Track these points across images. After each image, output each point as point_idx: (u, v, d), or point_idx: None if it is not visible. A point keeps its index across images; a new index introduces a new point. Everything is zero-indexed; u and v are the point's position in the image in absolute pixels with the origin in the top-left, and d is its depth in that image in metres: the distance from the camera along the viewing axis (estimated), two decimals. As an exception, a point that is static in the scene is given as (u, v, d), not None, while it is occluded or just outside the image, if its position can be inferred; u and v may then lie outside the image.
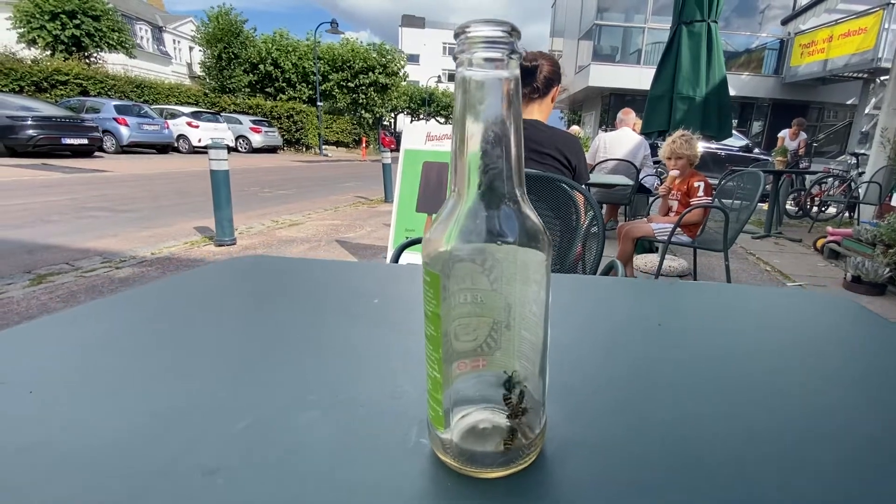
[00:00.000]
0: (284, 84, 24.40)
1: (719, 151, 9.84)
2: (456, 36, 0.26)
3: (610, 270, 1.46)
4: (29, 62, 14.73)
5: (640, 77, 15.72)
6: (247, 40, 23.39)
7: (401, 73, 27.68)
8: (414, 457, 0.32)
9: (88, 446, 0.32)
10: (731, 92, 4.80)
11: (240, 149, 18.43)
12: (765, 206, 5.74)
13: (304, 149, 22.87)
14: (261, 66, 23.70)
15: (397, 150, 3.23)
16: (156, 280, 0.73)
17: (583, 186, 1.64)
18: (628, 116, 4.80)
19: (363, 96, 26.04)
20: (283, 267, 0.81)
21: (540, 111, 1.81)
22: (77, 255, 3.56)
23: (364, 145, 23.48)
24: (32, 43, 17.84)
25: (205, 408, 0.37)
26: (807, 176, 6.99)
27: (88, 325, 0.54)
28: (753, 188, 2.88)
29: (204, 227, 4.70)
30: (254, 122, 18.95)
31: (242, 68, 23.42)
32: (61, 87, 14.84)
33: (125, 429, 0.34)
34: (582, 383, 0.43)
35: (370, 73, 25.56)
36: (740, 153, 10.17)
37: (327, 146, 24.42)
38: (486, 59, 0.26)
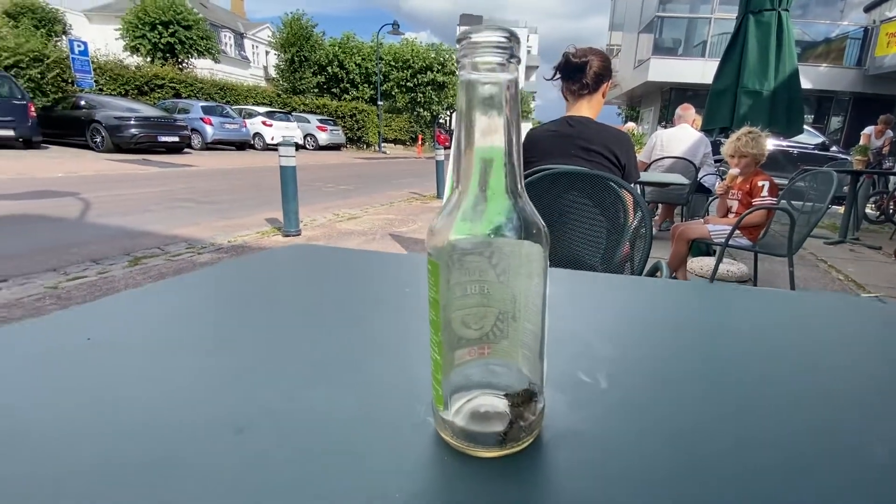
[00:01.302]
0: (348, 84, 25.21)
1: (791, 149, 9.19)
2: (458, 41, 0.28)
3: (655, 272, 1.42)
4: (133, 68, 16.19)
5: (703, 71, 14.95)
6: (316, 44, 24.36)
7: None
8: (418, 433, 0.34)
9: (147, 400, 0.38)
10: (807, 85, 4.48)
11: (307, 146, 19.41)
12: (841, 210, 5.32)
13: (364, 146, 23.55)
14: (328, 68, 24.62)
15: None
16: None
17: (631, 185, 1.60)
18: (687, 112, 4.59)
19: (421, 95, 26.40)
20: (327, 256, 0.86)
21: (589, 107, 1.78)
22: (167, 241, 4.01)
23: (420, 143, 23.81)
24: (135, 50, 19.59)
25: (240, 376, 0.42)
26: (891, 177, 6.40)
27: (159, 299, 0.62)
28: (826, 189, 2.68)
29: (274, 218, 5.05)
30: (320, 121, 19.95)
31: (311, 70, 24.43)
32: (158, 90, 16.32)
33: (173, 390, 0.40)
34: (594, 379, 0.43)
35: (428, 72, 25.87)
36: (815, 151, 9.45)
37: (386, 143, 25.01)
38: (488, 63, 0.28)
